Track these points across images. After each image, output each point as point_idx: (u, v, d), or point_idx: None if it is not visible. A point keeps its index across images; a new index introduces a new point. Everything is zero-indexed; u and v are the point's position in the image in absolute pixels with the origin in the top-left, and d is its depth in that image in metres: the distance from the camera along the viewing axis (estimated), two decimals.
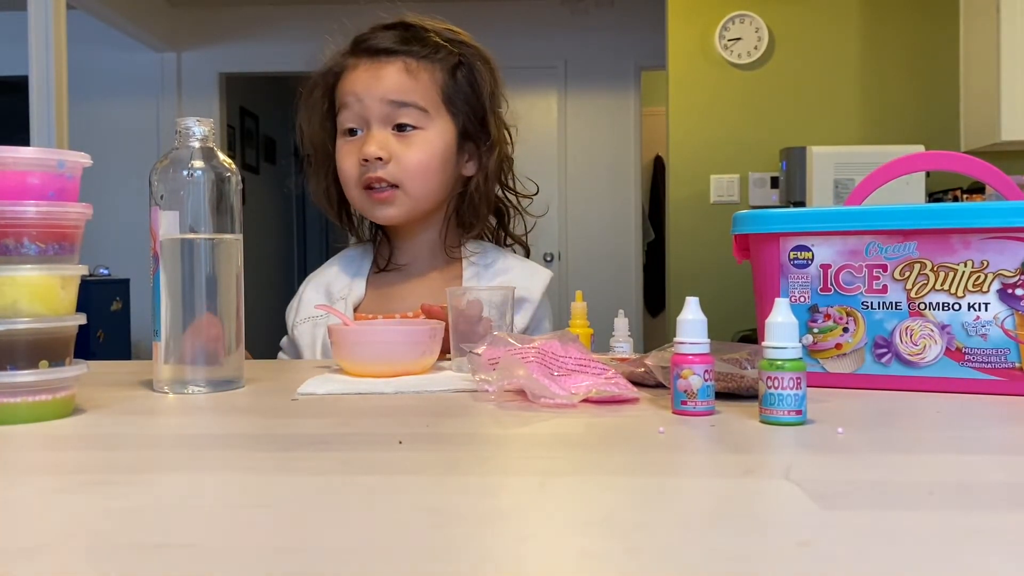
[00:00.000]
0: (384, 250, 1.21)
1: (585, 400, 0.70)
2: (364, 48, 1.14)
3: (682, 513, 0.42)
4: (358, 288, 1.18)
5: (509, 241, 1.25)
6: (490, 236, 1.24)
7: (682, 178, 3.79)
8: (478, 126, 1.17)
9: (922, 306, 0.77)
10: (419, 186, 1.13)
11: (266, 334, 2.05)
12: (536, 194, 1.25)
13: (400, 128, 1.12)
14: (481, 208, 1.19)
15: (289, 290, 1.26)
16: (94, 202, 0.70)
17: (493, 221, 1.24)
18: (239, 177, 0.81)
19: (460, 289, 0.93)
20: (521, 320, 1.13)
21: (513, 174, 1.23)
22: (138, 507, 0.43)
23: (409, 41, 1.14)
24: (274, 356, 1.22)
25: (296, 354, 1.19)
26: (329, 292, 1.19)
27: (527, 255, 1.27)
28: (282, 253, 6.50)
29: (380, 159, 1.10)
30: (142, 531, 0.39)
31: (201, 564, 0.35)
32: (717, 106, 3.74)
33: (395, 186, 1.11)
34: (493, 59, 1.20)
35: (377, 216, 1.15)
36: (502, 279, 1.14)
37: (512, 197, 1.24)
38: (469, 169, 1.18)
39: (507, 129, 1.21)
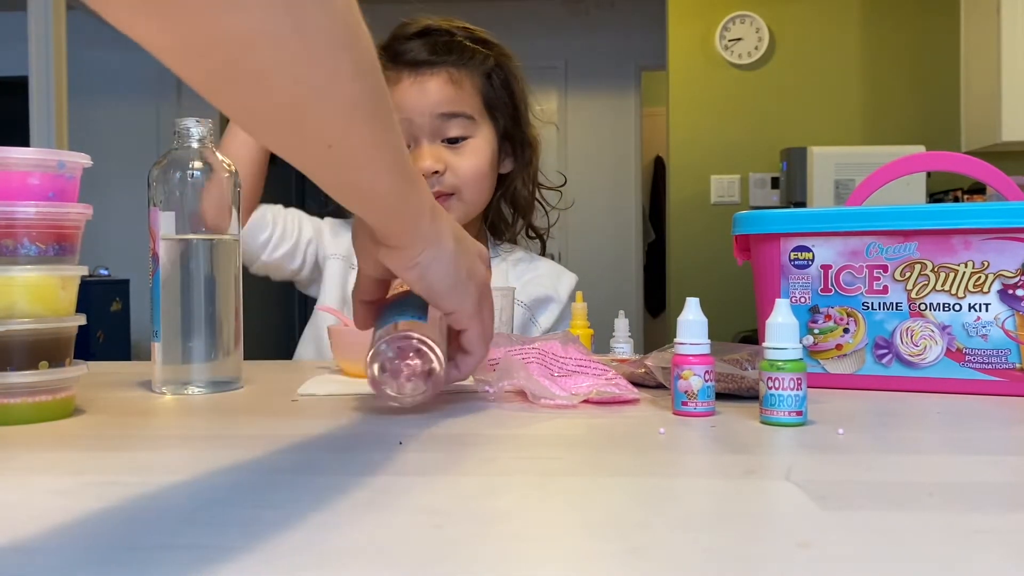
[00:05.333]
0: None
1: (585, 401, 0.70)
2: (403, 61, 1.12)
3: (682, 514, 0.42)
4: None
5: (531, 234, 1.25)
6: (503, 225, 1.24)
7: (682, 178, 3.79)
8: (514, 128, 1.18)
9: (923, 307, 0.77)
10: (474, 192, 1.14)
11: (266, 335, 2.05)
12: (564, 185, 1.25)
13: (451, 141, 1.12)
14: (521, 208, 1.21)
15: (288, 292, 1.26)
16: (94, 202, 0.70)
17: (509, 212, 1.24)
18: (238, 178, 0.81)
19: None
20: (547, 320, 1.14)
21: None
22: (138, 507, 0.43)
23: (444, 49, 1.12)
24: (275, 357, 1.21)
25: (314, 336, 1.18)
26: (350, 252, 1.19)
27: (543, 250, 1.28)
28: None
29: (436, 172, 1.10)
30: (142, 531, 0.39)
31: (201, 564, 0.35)
32: (717, 106, 3.74)
33: (451, 194, 1.12)
34: (515, 56, 1.20)
35: None
36: (529, 278, 1.14)
37: (532, 174, 1.23)
38: (506, 167, 1.19)
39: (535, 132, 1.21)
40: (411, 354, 0.63)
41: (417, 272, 0.61)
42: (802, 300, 0.80)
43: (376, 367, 0.64)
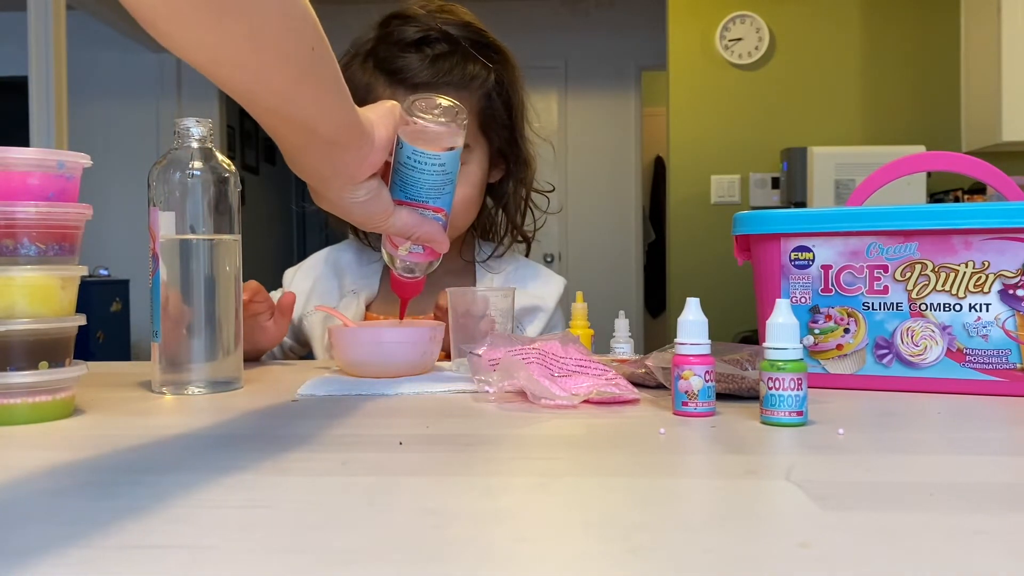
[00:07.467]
0: None
1: (586, 401, 0.70)
2: (400, 81, 1.07)
3: (683, 514, 0.42)
4: (372, 284, 1.18)
5: (519, 237, 1.25)
6: (492, 228, 1.24)
7: (683, 178, 3.79)
8: (510, 146, 1.15)
9: (923, 307, 0.77)
10: (463, 218, 1.12)
11: None
12: (552, 191, 1.25)
13: None
14: (510, 214, 1.19)
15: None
16: (94, 202, 0.70)
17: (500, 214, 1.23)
18: (238, 178, 0.81)
19: (460, 289, 0.93)
20: (534, 329, 1.14)
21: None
22: (138, 508, 0.43)
23: (446, 68, 1.07)
24: (275, 358, 1.21)
25: (300, 337, 1.19)
26: (340, 278, 1.19)
27: (528, 251, 1.27)
28: (281, 254, 6.50)
29: None
30: (142, 532, 0.39)
31: (201, 564, 0.35)
32: (718, 106, 3.74)
33: None
34: (515, 59, 1.16)
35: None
36: (517, 286, 1.14)
37: (524, 192, 1.22)
38: (494, 176, 1.17)
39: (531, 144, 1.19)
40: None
41: (380, 125, 0.71)
42: (802, 300, 0.80)
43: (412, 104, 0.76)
